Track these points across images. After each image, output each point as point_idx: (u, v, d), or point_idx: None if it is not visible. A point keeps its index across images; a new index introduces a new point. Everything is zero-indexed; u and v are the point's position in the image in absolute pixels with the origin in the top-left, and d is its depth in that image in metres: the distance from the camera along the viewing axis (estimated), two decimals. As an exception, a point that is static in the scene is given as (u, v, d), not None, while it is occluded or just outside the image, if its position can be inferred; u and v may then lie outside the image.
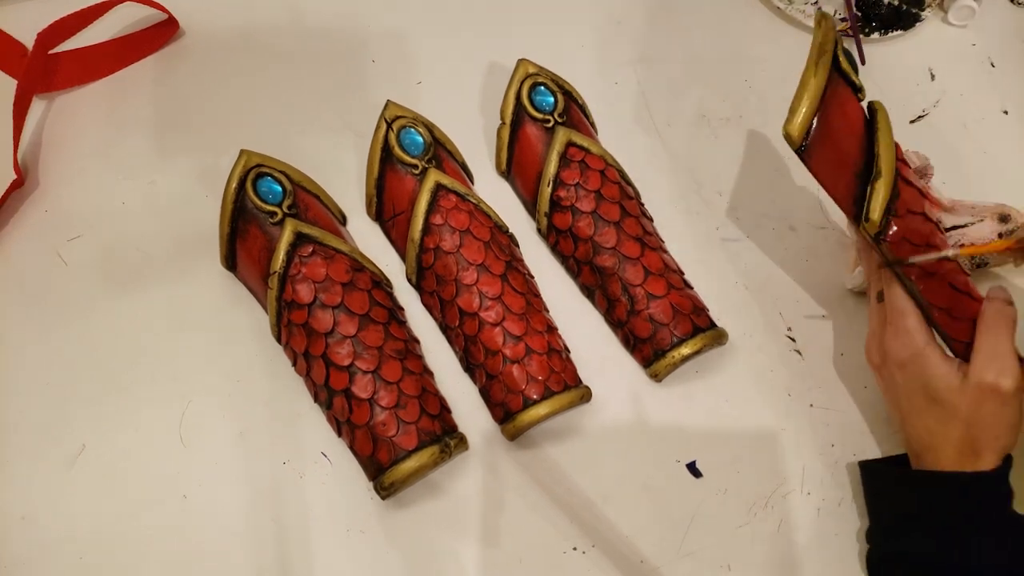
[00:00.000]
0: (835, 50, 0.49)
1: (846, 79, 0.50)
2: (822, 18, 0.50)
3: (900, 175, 0.49)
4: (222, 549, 0.53)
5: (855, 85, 0.51)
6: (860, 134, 0.50)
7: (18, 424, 0.56)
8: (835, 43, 0.50)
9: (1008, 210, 0.60)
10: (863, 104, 0.52)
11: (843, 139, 0.50)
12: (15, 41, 0.69)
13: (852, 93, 0.51)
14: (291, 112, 0.68)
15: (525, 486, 0.56)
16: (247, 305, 0.60)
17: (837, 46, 0.50)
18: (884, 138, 0.50)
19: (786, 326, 0.61)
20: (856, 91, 0.51)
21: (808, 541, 0.55)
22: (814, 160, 0.49)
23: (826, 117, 0.48)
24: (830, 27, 0.50)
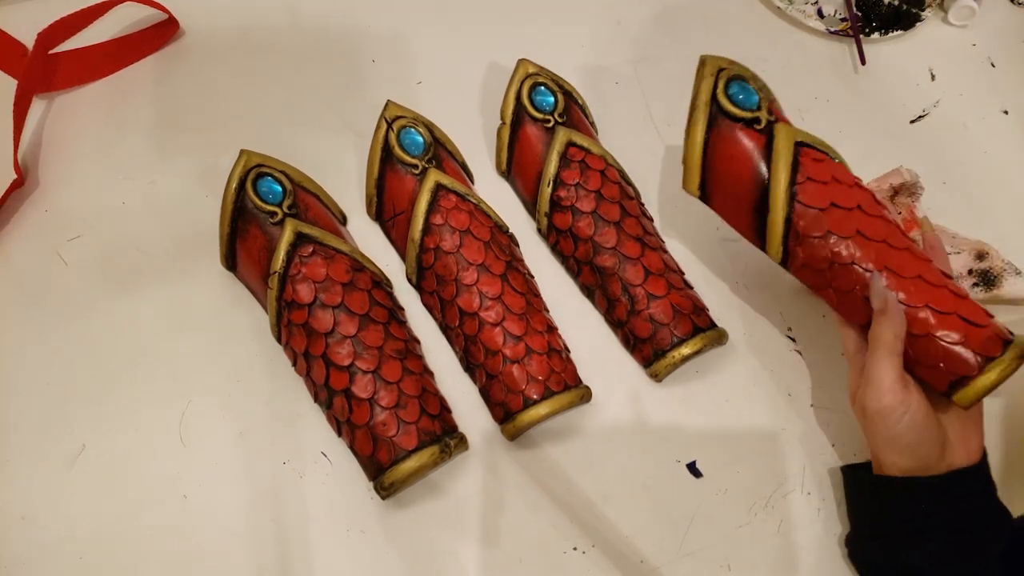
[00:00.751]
0: (714, 96, 0.51)
1: (734, 118, 0.51)
2: (700, 65, 0.52)
3: (799, 201, 0.50)
4: (222, 549, 0.53)
5: (747, 119, 0.51)
6: (751, 171, 0.51)
7: (18, 424, 0.56)
8: (712, 90, 0.51)
9: (988, 249, 0.61)
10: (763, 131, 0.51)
11: (735, 181, 0.52)
12: (15, 41, 0.69)
13: (741, 130, 0.51)
14: (291, 112, 0.68)
15: (525, 486, 0.56)
16: (247, 305, 0.60)
17: (716, 88, 0.51)
18: (778, 167, 0.50)
19: (786, 326, 0.61)
20: (750, 124, 0.51)
21: (808, 541, 0.55)
22: (716, 204, 0.54)
23: (715, 165, 0.52)
24: (704, 75, 0.52)
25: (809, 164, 0.51)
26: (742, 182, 0.51)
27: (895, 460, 0.48)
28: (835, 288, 0.51)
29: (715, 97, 0.51)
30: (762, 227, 0.52)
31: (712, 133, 0.52)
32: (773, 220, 0.51)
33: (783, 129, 0.51)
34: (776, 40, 0.74)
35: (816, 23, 0.74)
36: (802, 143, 0.51)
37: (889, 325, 0.47)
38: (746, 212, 0.52)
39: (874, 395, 0.47)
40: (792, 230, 0.51)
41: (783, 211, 0.50)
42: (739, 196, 0.52)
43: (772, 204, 0.50)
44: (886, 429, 0.47)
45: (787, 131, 0.51)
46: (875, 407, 0.47)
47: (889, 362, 0.47)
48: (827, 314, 0.62)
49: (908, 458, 0.48)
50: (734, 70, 0.52)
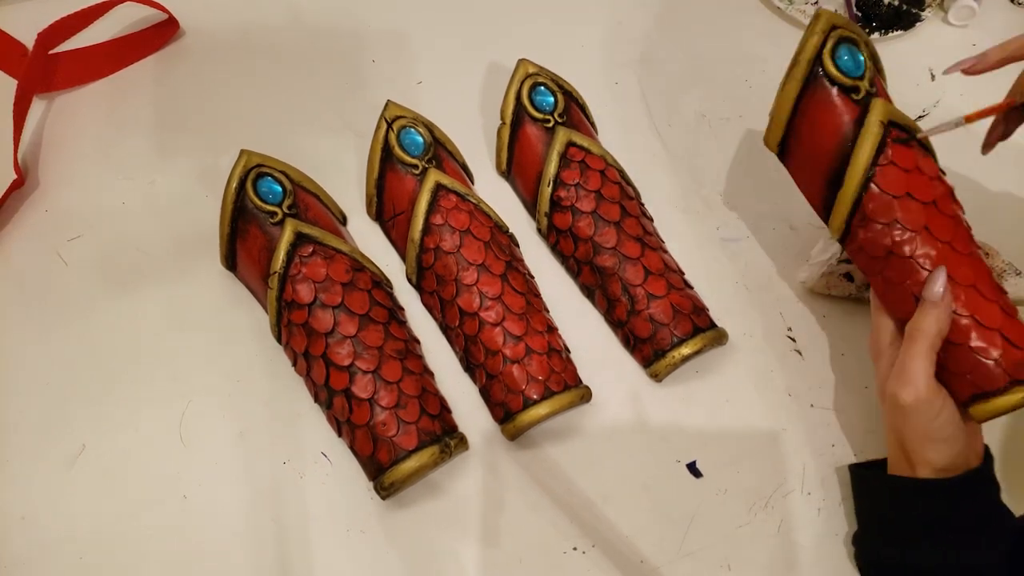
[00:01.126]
0: (820, 55, 0.49)
1: (834, 83, 0.49)
2: (814, 20, 0.50)
3: (874, 182, 0.49)
4: (222, 549, 0.53)
5: (846, 87, 0.49)
6: (836, 141, 0.50)
7: (18, 424, 0.56)
8: (819, 48, 0.49)
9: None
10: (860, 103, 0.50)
11: (817, 147, 0.50)
12: (15, 41, 0.69)
13: (838, 97, 0.49)
14: (291, 112, 0.68)
15: (525, 486, 0.56)
16: (247, 305, 0.60)
17: (823, 49, 0.49)
18: (863, 145, 0.49)
19: (786, 326, 0.61)
20: (848, 91, 0.49)
21: (808, 541, 0.55)
22: (792, 165, 0.52)
23: (800, 125, 0.50)
24: (815, 31, 0.49)
25: (897, 148, 0.49)
26: (824, 150, 0.50)
27: (932, 457, 0.47)
28: (886, 277, 0.49)
29: (820, 56, 0.49)
30: (831, 201, 0.50)
31: (806, 92, 0.49)
32: (844, 196, 0.49)
33: (879, 105, 0.49)
34: (776, 40, 0.74)
35: (816, 23, 0.74)
36: (895, 124, 0.49)
37: (936, 319, 0.46)
38: (819, 181, 0.51)
39: (911, 388, 0.46)
40: (860, 210, 0.49)
41: (856, 189, 0.49)
42: (817, 163, 0.50)
43: (847, 180, 0.49)
44: (924, 423, 0.46)
45: (883, 108, 0.49)
46: (911, 400, 0.46)
47: (929, 357, 0.46)
48: (827, 314, 0.62)
49: (945, 454, 0.47)
50: (848, 32, 0.50)
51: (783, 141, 0.52)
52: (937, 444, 0.46)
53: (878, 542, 0.51)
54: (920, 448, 0.47)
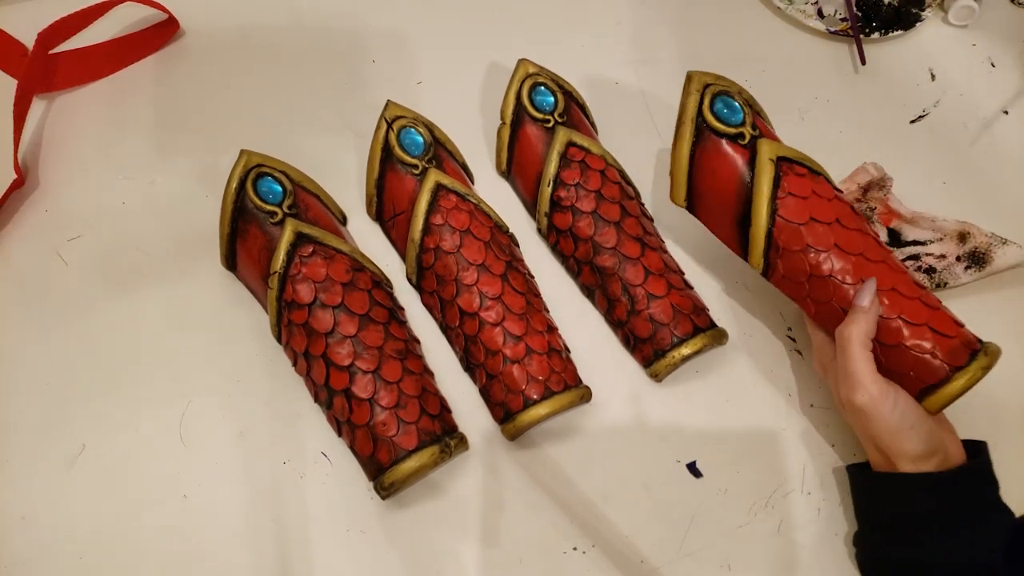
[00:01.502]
0: (700, 112, 0.53)
1: (718, 133, 0.53)
2: (686, 81, 0.54)
3: (779, 215, 0.52)
4: (222, 549, 0.53)
5: (731, 135, 0.53)
6: (736, 186, 0.53)
7: (18, 424, 0.56)
8: (699, 106, 0.53)
9: (969, 228, 0.61)
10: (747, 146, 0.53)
11: (720, 194, 0.54)
12: (15, 41, 0.69)
13: (727, 144, 0.53)
14: (291, 112, 0.68)
15: (525, 486, 0.56)
16: (247, 305, 0.60)
17: (703, 103, 0.53)
18: (760, 184, 0.52)
19: (786, 326, 0.61)
20: (734, 139, 0.53)
21: (808, 541, 0.55)
22: (701, 215, 0.56)
23: (700, 178, 0.55)
24: (691, 91, 0.53)
25: (791, 179, 0.52)
26: (726, 196, 0.54)
27: (905, 448, 0.48)
28: (813, 299, 0.52)
29: (700, 112, 0.54)
30: (745, 240, 0.54)
31: (697, 147, 0.54)
32: (755, 234, 0.53)
33: (766, 144, 0.53)
34: (776, 40, 0.74)
35: (816, 23, 0.74)
36: (784, 158, 0.53)
37: (862, 323, 0.48)
38: (730, 224, 0.54)
39: (861, 389, 0.48)
40: (773, 243, 0.52)
41: (765, 225, 0.52)
42: (723, 209, 0.54)
43: (754, 218, 0.52)
44: (883, 419, 0.48)
45: (770, 146, 0.53)
46: (865, 400, 0.48)
47: (865, 355, 0.48)
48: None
49: (915, 440, 0.48)
50: (720, 86, 0.54)
51: (688, 196, 0.56)
52: (905, 433, 0.48)
53: (877, 540, 0.51)
54: (892, 442, 0.48)
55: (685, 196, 0.56)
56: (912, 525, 0.48)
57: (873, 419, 0.48)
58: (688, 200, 0.56)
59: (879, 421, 0.48)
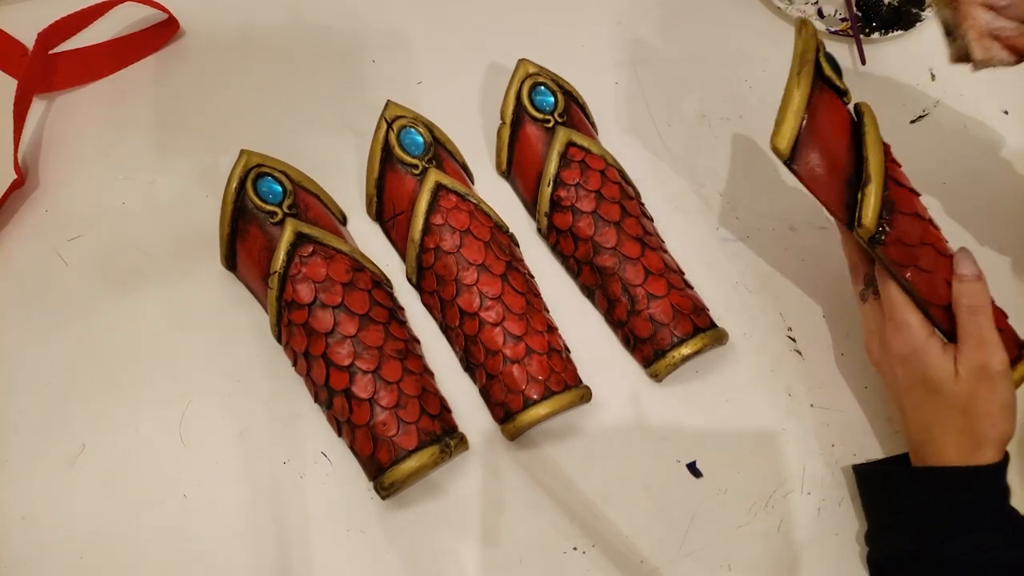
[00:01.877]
0: (817, 57, 0.50)
1: (830, 84, 0.50)
2: (802, 25, 0.50)
3: (890, 176, 0.50)
4: (222, 549, 0.53)
5: (839, 89, 0.51)
6: (847, 140, 0.50)
7: (18, 424, 0.56)
8: (817, 50, 0.50)
9: None
10: (849, 107, 0.52)
11: (830, 147, 0.50)
12: (15, 41, 0.69)
13: (837, 98, 0.51)
14: (291, 112, 0.68)
15: (525, 486, 0.56)
16: (247, 305, 0.60)
17: (819, 52, 0.50)
18: (872, 142, 0.50)
19: (786, 326, 0.61)
20: (841, 95, 0.51)
21: (808, 541, 0.55)
22: (803, 170, 0.50)
23: (812, 127, 0.49)
24: (811, 34, 0.50)
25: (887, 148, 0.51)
26: (837, 151, 0.50)
27: (1007, 428, 0.48)
28: (919, 267, 0.50)
29: (818, 60, 0.49)
30: (853, 201, 0.50)
31: (815, 95, 0.49)
32: (872, 191, 0.49)
33: (868, 109, 0.52)
34: (776, 40, 0.74)
35: (816, 23, 0.74)
36: None
37: (985, 290, 0.48)
38: (837, 183, 0.50)
39: (1000, 354, 0.47)
40: (887, 204, 0.50)
41: (882, 183, 0.49)
42: (833, 165, 0.50)
43: (873, 175, 0.49)
44: (1009, 389, 0.47)
45: (871, 111, 0.52)
46: (1003, 366, 0.47)
47: (992, 322, 0.48)
48: (827, 314, 0.62)
49: (1013, 423, 0.48)
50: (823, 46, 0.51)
51: (794, 146, 0.49)
52: (1010, 412, 0.47)
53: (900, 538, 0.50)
54: (1000, 419, 0.47)
55: (791, 147, 0.49)
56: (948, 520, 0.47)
57: (998, 389, 0.47)
58: (792, 152, 0.49)
59: (1004, 392, 0.47)
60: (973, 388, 0.48)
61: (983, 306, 0.48)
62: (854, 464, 0.55)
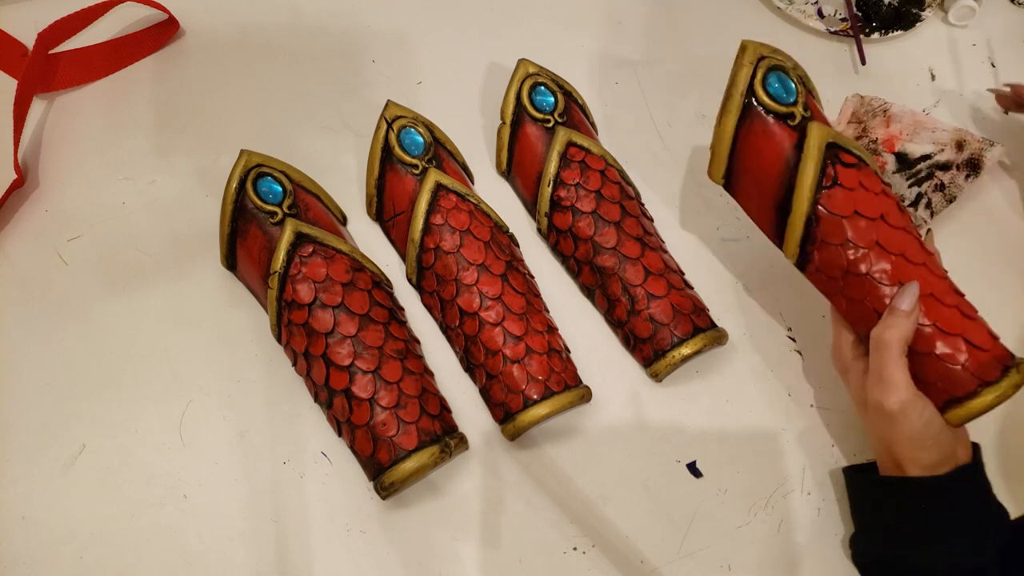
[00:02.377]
0: (752, 84, 0.49)
1: (768, 111, 0.50)
2: (740, 52, 0.50)
3: (821, 205, 0.49)
4: (222, 549, 0.53)
5: (781, 114, 0.50)
6: (779, 169, 0.50)
7: (18, 424, 0.56)
8: (750, 79, 0.49)
9: (964, 136, 0.63)
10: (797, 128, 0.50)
11: (759, 176, 0.51)
12: (15, 41, 0.69)
13: (774, 124, 0.50)
14: (291, 112, 0.68)
15: (525, 486, 0.56)
16: (247, 305, 0.60)
17: (755, 76, 0.49)
18: (805, 169, 0.49)
19: (786, 326, 0.61)
20: (784, 119, 0.50)
21: (808, 541, 0.55)
22: (738, 196, 0.53)
23: (741, 156, 0.51)
24: (744, 63, 0.50)
25: (838, 168, 0.49)
26: (768, 178, 0.50)
27: (920, 456, 0.47)
28: (846, 296, 0.50)
29: (752, 87, 0.50)
30: (782, 226, 0.51)
31: (744, 124, 0.50)
32: (793, 221, 0.50)
33: (816, 129, 0.49)
34: (776, 40, 0.73)
35: (816, 23, 0.74)
36: (834, 144, 0.50)
37: (903, 327, 0.47)
38: (768, 209, 0.51)
39: (894, 394, 0.47)
40: (811, 234, 0.50)
41: (805, 213, 0.49)
42: (763, 191, 0.51)
43: (795, 205, 0.49)
44: (910, 426, 0.47)
45: (820, 131, 0.49)
46: (896, 406, 0.47)
47: (902, 361, 0.47)
48: (827, 314, 0.62)
49: (934, 452, 0.47)
50: (775, 60, 0.50)
51: (727, 173, 0.52)
52: (925, 443, 0.47)
53: (876, 543, 0.51)
54: (909, 449, 0.48)
55: (724, 173, 0.52)
56: (908, 528, 0.48)
57: (899, 425, 0.47)
58: (726, 178, 0.53)
59: (904, 427, 0.47)
60: (876, 421, 0.49)
61: (892, 343, 0.47)
62: (844, 467, 0.55)
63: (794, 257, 0.51)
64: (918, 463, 0.47)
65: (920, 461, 0.47)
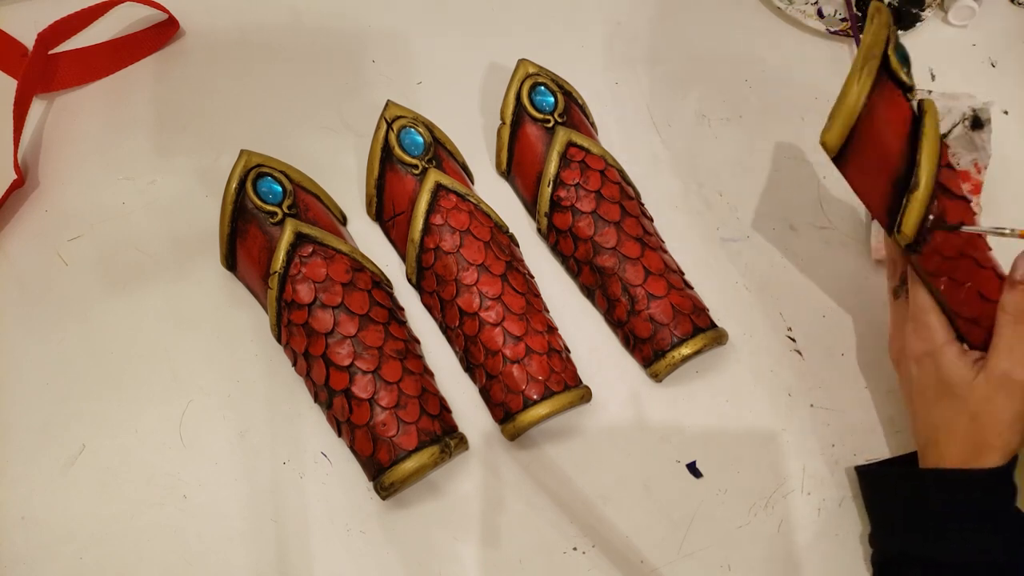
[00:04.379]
0: (886, 50, 0.45)
1: (894, 78, 0.46)
2: (875, 12, 0.46)
3: (940, 184, 0.47)
4: (222, 549, 0.53)
5: (904, 84, 0.47)
6: (902, 140, 0.47)
7: (18, 424, 0.56)
8: (886, 42, 0.45)
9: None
10: (913, 103, 0.48)
11: (882, 147, 0.47)
12: (15, 41, 0.69)
13: (900, 94, 0.47)
14: (291, 112, 0.68)
15: (525, 486, 0.56)
16: (247, 305, 0.60)
17: (888, 44, 0.46)
18: (928, 145, 0.46)
19: (786, 326, 0.61)
20: (906, 90, 0.47)
21: (808, 541, 0.55)
22: (850, 167, 0.46)
23: (866, 124, 0.45)
24: (883, 23, 0.46)
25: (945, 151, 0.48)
26: (890, 152, 0.47)
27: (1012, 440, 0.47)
28: (952, 278, 0.48)
29: (887, 52, 0.45)
30: (897, 205, 0.47)
31: (876, 90, 0.45)
32: (917, 198, 0.46)
33: (932, 108, 0.48)
34: (776, 40, 0.74)
35: (816, 23, 0.73)
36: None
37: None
38: (883, 185, 0.47)
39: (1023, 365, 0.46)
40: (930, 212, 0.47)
41: (928, 191, 0.46)
42: (882, 166, 0.47)
43: (923, 184, 0.46)
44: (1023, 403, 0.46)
45: (933, 110, 0.48)
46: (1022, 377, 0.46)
47: None
48: (827, 314, 0.62)
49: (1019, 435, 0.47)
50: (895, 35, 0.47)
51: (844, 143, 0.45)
52: (1020, 424, 0.46)
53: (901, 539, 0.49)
54: (1007, 430, 0.46)
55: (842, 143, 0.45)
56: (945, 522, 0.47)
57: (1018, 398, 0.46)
58: (843, 147, 0.45)
59: (1021, 403, 0.46)
60: (990, 395, 0.47)
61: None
62: (856, 465, 0.55)
63: (910, 236, 0.47)
64: (1006, 446, 0.46)
65: (1010, 443, 0.46)
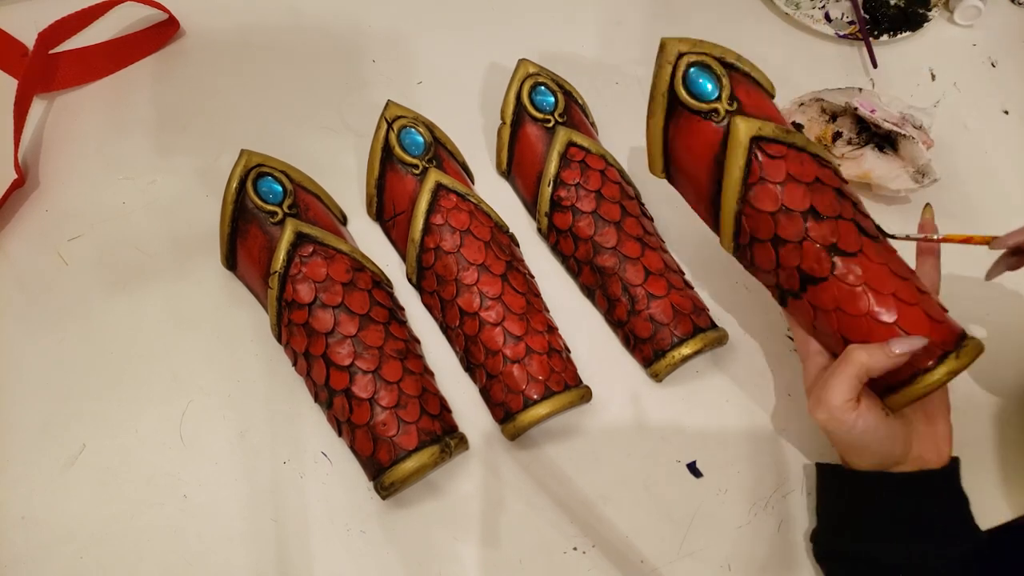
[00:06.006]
0: (672, 85, 0.49)
1: (690, 109, 0.48)
2: (659, 50, 0.49)
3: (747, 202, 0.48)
4: (222, 549, 0.53)
5: (702, 111, 0.48)
6: (707, 163, 0.49)
7: (18, 424, 0.56)
8: (671, 76, 0.48)
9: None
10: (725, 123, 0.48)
11: (689, 172, 0.51)
12: (15, 41, 0.69)
13: (698, 121, 0.49)
14: (291, 112, 0.68)
15: (525, 486, 0.56)
16: (247, 305, 0.60)
17: (675, 75, 0.48)
18: (730, 167, 0.48)
19: (786, 326, 0.61)
20: (705, 115, 0.48)
21: (808, 541, 0.55)
22: (680, 189, 0.54)
23: (672, 155, 0.52)
24: (667, 60, 0.48)
25: (765, 162, 0.48)
26: (699, 174, 0.50)
27: (856, 461, 0.49)
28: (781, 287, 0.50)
29: (672, 87, 0.49)
30: (716, 222, 0.51)
31: (671, 122, 0.50)
32: (724, 218, 0.50)
33: (742, 124, 0.47)
34: (778, 41, 0.74)
35: (824, 27, 0.73)
36: (760, 138, 0.48)
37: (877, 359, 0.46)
38: (704, 203, 0.52)
39: (823, 408, 0.47)
40: (742, 229, 0.50)
41: (734, 210, 0.49)
42: (697, 187, 0.51)
43: (724, 203, 0.49)
44: (838, 437, 0.48)
45: (746, 126, 0.47)
46: (823, 419, 0.47)
47: (851, 384, 0.46)
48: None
49: (868, 458, 0.49)
50: (696, 55, 0.48)
51: (666, 169, 0.53)
52: (859, 451, 0.49)
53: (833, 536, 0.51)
54: (845, 454, 0.50)
55: (663, 168, 0.53)
56: (868, 524, 0.49)
57: (828, 433, 0.49)
58: (667, 173, 0.53)
59: (834, 437, 0.49)
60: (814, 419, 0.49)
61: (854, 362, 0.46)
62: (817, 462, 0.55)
63: (730, 250, 0.52)
64: (858, 466, 0.50)
65: (859, 465, 0.49)
